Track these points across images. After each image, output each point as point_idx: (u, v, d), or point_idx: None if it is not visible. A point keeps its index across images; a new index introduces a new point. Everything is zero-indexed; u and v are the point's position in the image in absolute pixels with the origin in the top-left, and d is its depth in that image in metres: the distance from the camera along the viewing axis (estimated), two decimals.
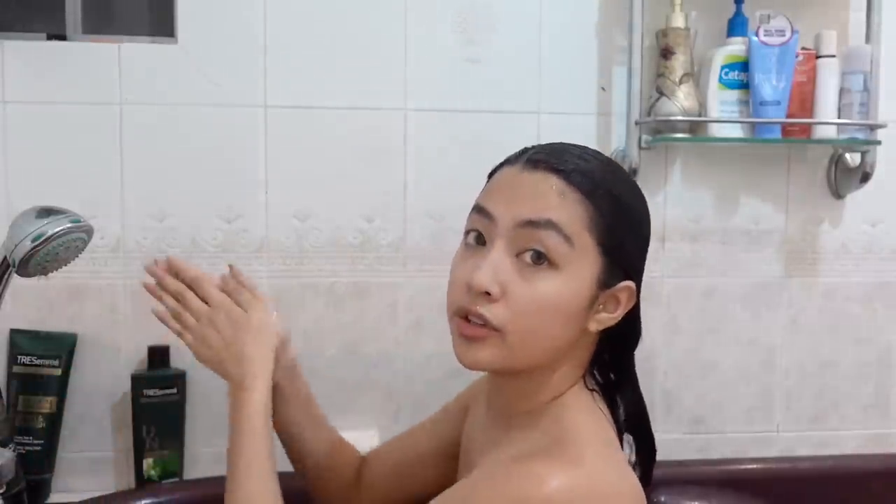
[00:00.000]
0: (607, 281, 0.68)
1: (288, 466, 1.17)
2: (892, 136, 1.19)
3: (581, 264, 0.66)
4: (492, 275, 0.66)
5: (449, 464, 0.86)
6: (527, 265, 0.66)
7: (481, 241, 0.69)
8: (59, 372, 1.10)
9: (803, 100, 1.17)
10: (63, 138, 1.12)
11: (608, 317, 0.70)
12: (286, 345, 0.86)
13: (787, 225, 1.26)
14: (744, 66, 1.16)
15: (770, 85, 1.14)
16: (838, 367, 1.30)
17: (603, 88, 1.21)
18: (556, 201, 0.66)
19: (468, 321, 0.68)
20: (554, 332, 0.67)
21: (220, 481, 1.11)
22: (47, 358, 1.10)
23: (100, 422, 1.14)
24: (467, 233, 0.72)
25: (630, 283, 0.69)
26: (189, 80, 1.13)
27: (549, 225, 0.65)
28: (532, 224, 0.66)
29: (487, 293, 0.66)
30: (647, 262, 0.74)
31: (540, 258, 0.66)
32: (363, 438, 1.16)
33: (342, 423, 1.18)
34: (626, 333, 0.74)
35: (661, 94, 1.16)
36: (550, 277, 0.66)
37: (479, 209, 0.70)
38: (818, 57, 1.17)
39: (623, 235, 0.68)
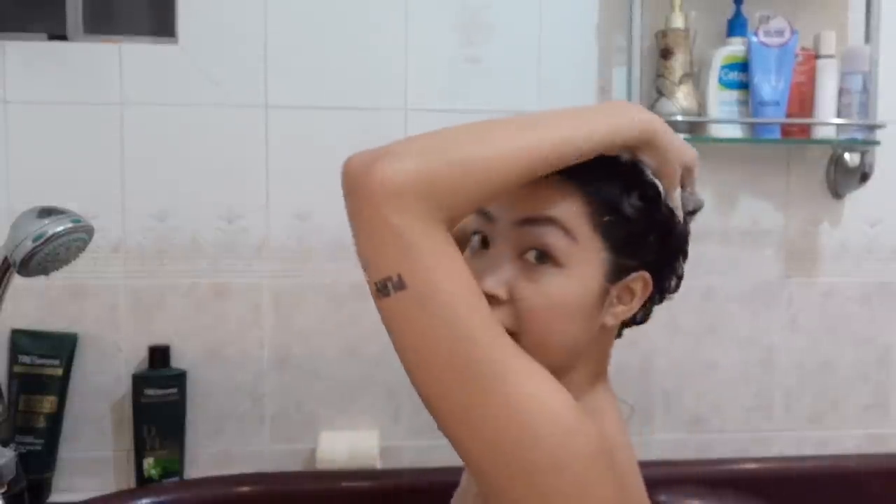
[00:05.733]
0: (617, 273, 0.65)
1: (291, 466, 1.18)
2: (891, 137, 1.19)
3: (586, 259, 0.64)
4: (497, 278, 0.65)
5: None
6: (531, 265, 0.65)
7: (485, 243, 0.68)
8: (59, 372, 1.10)
9: (802, 100, 1.17)
10: (63, 138, 1.12)
11: (624, 309, 0.67)
12: None
13: (786, 225, 1.27)
14: (743, 66, 1.16)
15: (769, 85, 1.14)
16: (837, 366, 1.30)
17: (603, 89, 1.21)
18: (554, 196, 0.64)
19: None
20: (566, 331, 0.65)
21: (220, 481, 1.12)
22: (48, 358, 1.10)
23: (100, 422, 1.15)
24: (472, 235, 0.70)
25: (643, 273, 0.66)
26: (189, 80, 1.13)
27: (549, 221, 0.64)
28: (531, 222, 0.65)
29: (495, 297, 0.64)
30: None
31: (543, 257, 0.64)
32: (363, 438, 1.16)
33: (342, 424, 1.19)
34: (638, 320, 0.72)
35: (661, 94, 1.16)
36: (555, 275, 0.64)
37: (479, 210, 0.68)
38: (817, 57, 1.17)
39: (629, 224, 0.65)
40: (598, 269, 0.65)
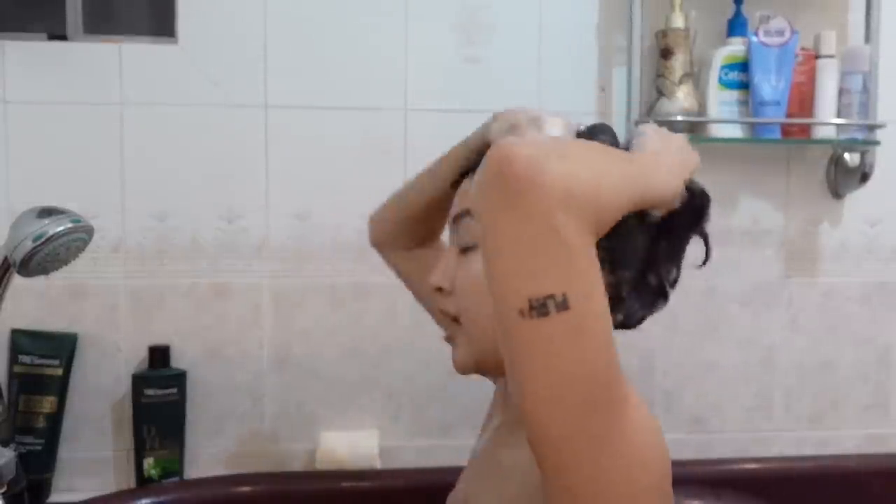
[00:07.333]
0: None
1: (291, 466, 1.18)
2: (891, 137, 1.19)
3: None
4: (441, 272, 0.71)
5: None
6: (464, 255, 0.70)
7: None
8: (59, 372, 1.10)
9: (803, 100, 1.17)
10: (63, 138, 1.12)
11: None
12: None
13: (786, 225, 1.27)
14: (743, 66, 1.16)
15: (769, 85, 1.14)
16: (838, 366, 1.30)
17: (602, 89, 1.21)
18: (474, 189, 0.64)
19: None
20: None
21: (220, 481, 1.12)
22: (48, 358, 1.10)
23: (100, 422, 1.15)
24: None
25: None
26: (189, 80, 1.13)
27: (466, 214, 0.69)
28: (455, 220, 0.71)
29: (442, 289, 0.71)
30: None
31: (469, 246, 0.69)
32: (363, 438, 1.16)
33: (342, 424, 1.19)
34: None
35: (661, 94, 1.16)
36: (479, 259, 0.64)
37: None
38: (817, 57, 1.17)
39: None
40: None
